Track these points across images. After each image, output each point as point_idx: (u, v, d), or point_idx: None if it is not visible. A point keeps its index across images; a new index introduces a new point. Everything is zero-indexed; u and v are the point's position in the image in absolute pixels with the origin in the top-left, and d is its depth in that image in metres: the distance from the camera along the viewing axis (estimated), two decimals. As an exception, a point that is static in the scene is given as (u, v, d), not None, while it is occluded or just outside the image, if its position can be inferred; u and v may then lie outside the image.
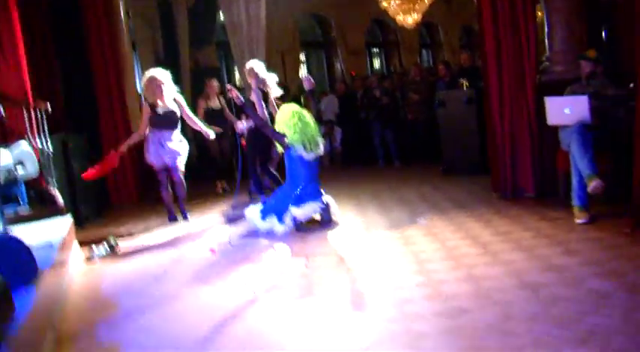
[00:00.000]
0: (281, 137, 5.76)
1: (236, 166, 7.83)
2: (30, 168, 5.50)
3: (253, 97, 6.60)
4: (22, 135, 5.76)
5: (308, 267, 4.56)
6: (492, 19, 6.07)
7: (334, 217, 5.93)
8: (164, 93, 6.40)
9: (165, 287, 4.52)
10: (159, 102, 6.42)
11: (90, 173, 6.42)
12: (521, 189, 6.26)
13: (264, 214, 5.80)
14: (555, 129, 5.49)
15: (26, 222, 5.39)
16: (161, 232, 6.44)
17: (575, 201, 5.07)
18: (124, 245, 5.92)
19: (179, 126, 6.61)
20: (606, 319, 3.07)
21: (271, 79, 6.82)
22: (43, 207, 5.75)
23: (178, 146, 6.54)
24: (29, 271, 3.74)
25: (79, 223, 6.64)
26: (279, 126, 5.80)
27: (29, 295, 3.54)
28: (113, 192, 8.11)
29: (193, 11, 11.08)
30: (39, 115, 5.95)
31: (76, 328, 3.79)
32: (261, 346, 3.21)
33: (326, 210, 5.88)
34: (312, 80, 6.28)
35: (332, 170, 10.15)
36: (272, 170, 7.10)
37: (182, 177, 6.62)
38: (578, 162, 4.90)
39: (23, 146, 5.56)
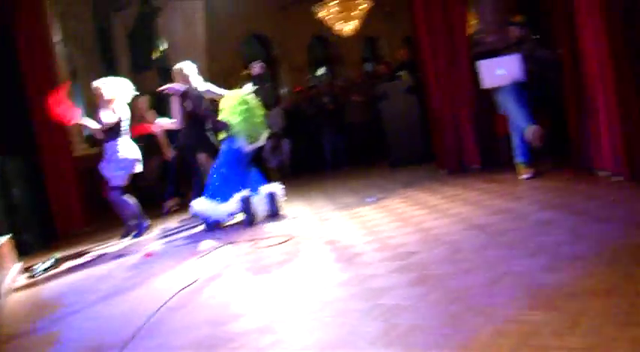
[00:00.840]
0: (224, 126, 5.66)
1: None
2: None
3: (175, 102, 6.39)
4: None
5: (256, 247, 4.45)
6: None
7: (280, 208, 5.76)
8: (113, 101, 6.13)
9: (109, 284, 4.33)
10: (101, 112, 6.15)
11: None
12: (466, 163, 6.30)
13: (212, 197, 5.62)
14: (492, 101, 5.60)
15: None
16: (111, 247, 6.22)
17: (518, 158, 5.13)
18: (70, 262, 5.68)
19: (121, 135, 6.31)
20: (553, 237, 3.08)
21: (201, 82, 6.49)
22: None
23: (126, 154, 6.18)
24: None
25: (25, 251, 6.37)
26: (224, 113, 5.69)
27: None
28: (58, 219, 7.74)
29: (132, 37, 11.02)
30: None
31: (15, 329, 3.58)
32: (213, 319, 3.03)
33: (271, 200, 5.71)
34: (263, 65, 6.27)
35: (280, 179, 10.05)
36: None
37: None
38: (516, 117, 4.98)
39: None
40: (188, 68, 6.37)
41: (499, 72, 5.18)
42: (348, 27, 11.47)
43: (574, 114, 4.70)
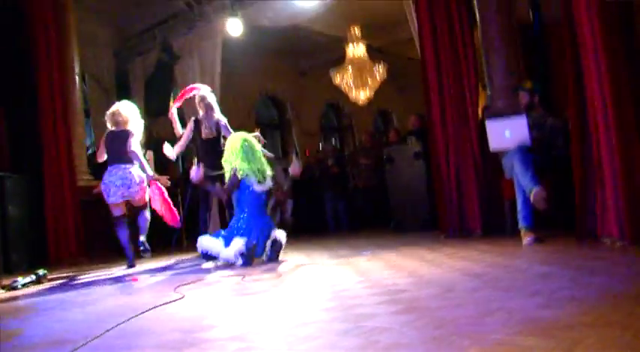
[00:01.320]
0: (234, 179, 5.60)
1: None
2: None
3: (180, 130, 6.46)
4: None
5: (244, 280, 4.32)
6: (434, 56, 6.32)
7: (280, 254, 5.68)
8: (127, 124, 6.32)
9: (87, 297, 4.18)
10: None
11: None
12: (469, 229, 6.20)
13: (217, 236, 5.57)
14: (498, 167, 5.58)
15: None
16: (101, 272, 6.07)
17: (521, 223, 5.03)
18: (54, 281, 5.54)
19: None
20: (551, 284, 2.94)
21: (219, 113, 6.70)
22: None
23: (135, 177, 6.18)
24: None
25: (9, 270, 6.25)
26: (227, 155, 5.69)
27: None
28: (52, 244, 7.61)
29: (150, 82, 11.19)
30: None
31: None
32: (186, 328, 2.91)
33: (274, 245, 5.63)
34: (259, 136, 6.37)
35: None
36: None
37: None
38: (521, 179, 4.90)
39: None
40: (210, 95, 6.60)
41: (507, 134, 5.16)
42: (362, 95, 11.61)
43: (579, 181, 4.63)
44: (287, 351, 2.14)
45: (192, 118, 6.69)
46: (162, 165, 8.66)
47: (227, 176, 5.70)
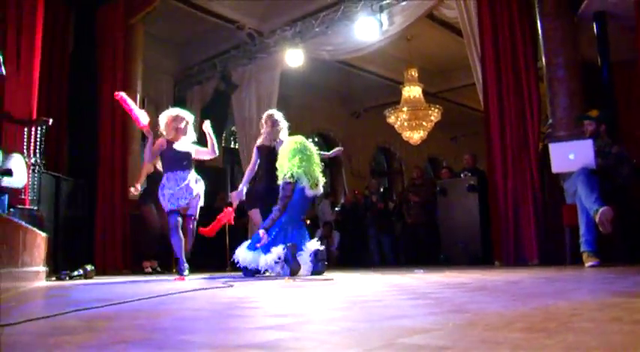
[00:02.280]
0: (287, 188, 5.40)
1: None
2: (17, 179, 5.30)
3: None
4: (18, 150, 5.63)
5: (291, 281, 4.21)
6: (496, 84, 6.28)
7: (323, 267, 5.46)
8: (188, 131, 5.90)
9: (127, 287, 4.13)
10: (177, 141, 5.83)
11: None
12: (524, 258, 5.98)
13: (254, 247, 5.39)
14: (559, 196, 5.42)
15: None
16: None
17: (583, 247, 4.80)
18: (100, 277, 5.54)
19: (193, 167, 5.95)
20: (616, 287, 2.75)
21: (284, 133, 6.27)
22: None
23: (196, 186, 5.81)
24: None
25: (57, 272, 6.28)
26: (281, 159, 5.53)
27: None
28: (98, 252, 7.67)
29: (206, 110, 11.37)
30: (39, 133, 5.88)
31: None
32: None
33: (315, 258, 5.43)
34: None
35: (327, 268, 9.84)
36: None
37: (195, 226, 6.00)
38: (585, 200, 4.70)
39: (16, 157, 5.42)
40: (278, 114, 6.19)
41: (571, 156, 5.00)
42: (416, 135, 11.57)
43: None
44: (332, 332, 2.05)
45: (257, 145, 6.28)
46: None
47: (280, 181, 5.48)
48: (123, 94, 5.70)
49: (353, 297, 2.43)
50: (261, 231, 5.29)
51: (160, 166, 6.62)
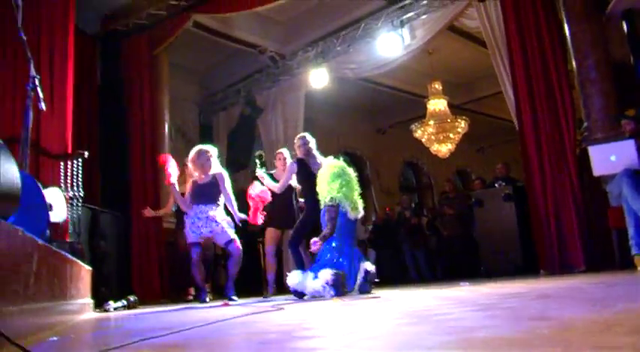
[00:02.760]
0: (332, 211, 5.31)
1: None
2: (57, 213, 5.35)
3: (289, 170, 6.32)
4: (56, 183, 5.70)
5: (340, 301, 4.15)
6: (528, 90, 6.22)
7: (371, 287, 5.40)
8: (212, 165, 6.12)
9: (183, 313, 4.12)
10: (203, 175, 6.10)
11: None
12: (570, 266, 5.85)
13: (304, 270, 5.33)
14: (602, 199, 5.31)
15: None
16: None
17: (634, 250, 4.66)
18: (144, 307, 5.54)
19: (221, 203, 6.13)
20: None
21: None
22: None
23: (222, 217, 6.02)
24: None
25: (99, 304, 6.30)
26: (320, 184, 5.44)
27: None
28: (136, 282, 7.69)
29: (232, 135, 11.44)
30: (75, 166, 5.95)
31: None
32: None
33: (366, 276, 5.35)
34: None
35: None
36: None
37: (239, 247, 6.00)
38: (632, 202, 4.59)
39: (55, 192, 5.47)
40: (309, 137, 6.28)
41: (612, 158, 4.90)
42: (444, 148, 11.48)
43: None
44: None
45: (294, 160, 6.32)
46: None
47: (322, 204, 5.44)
48: (169, 160, 6.09)
49: (417, 312, 2.37)
50: (318, 243, 5.27)
51: None
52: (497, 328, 1.51)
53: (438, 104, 11.43)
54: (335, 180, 5.36)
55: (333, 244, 5.32)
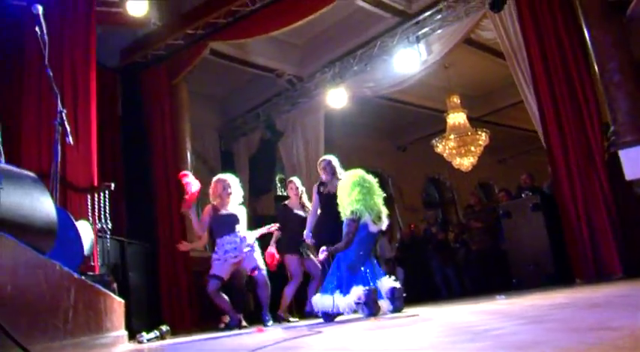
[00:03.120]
0: (351, 225, 5.18)
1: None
2: (85, 246, 5.35)
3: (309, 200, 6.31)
4: (83, 216, 5.71)
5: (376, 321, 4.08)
6: (551, 97, 6.16)
7: (402, 304, 5.27)
8: (231, 199, 6.21)
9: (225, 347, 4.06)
10: (224, 205, 6.18)
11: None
12: (607, 273, 5.72)
13: (333, 290, 5.13)
14: (635, 203, 5.21)
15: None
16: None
17: (673, 254, 4.56)
18: (177, 337, 5.50)
19: (243, 228, 6.18)
20: None
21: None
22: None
23: (246, 243, 6.07)
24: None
25: (131, 336, 6.28)
26: (340, 195, 5.28)
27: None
28: (167, 313, 7.65)
29: (253, 160, 11.45)
30: (102, 198, 5.97)
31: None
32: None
33: (395, 294, 5.24)
34: None
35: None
36: None
37: (265, 274, 6.07)
38: (669, 205, 4.49)
39: (83, 225, 5.48)
40: (335, 161, 6.15)
41: (645, 161, 4.80)
42: (466, 161, 11.38)
43: None
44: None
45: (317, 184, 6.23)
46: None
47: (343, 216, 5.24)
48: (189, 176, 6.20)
49: (466, 328, 2.31)
50: (325, 253, 5.20)
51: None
52: (561, 341, 1.45)
53: (457, 118, 11.36)
54: (354, 188, 5.23)
55: (353, 258, 5.18)
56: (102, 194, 6.12)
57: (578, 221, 5.98)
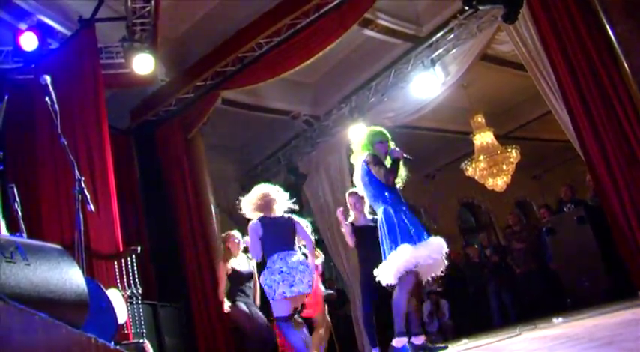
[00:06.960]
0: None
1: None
2: (119, 314, 5.12)
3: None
4: (112, 284, 5.52)
5: None
6: (582, 103, 5.86)
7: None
8: (276, 205, 5.33)
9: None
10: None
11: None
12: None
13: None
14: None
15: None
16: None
17: None
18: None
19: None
20: None
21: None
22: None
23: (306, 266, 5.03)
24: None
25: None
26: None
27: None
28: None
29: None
30: (129, 263, 5.78)
31: None
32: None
33: None
34: None
35: (443, 341, 9.12)
36: None
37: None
38: None
39: (113, 293, 5.26)
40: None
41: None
42: (500, 181, 10.98)
43: None
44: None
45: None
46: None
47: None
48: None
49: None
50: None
51: (238, 265, 6.34)
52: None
53: (484, 137, 11.02)
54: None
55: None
56: (129, 259, 5.96)
57: (629, 228, 5.56)
